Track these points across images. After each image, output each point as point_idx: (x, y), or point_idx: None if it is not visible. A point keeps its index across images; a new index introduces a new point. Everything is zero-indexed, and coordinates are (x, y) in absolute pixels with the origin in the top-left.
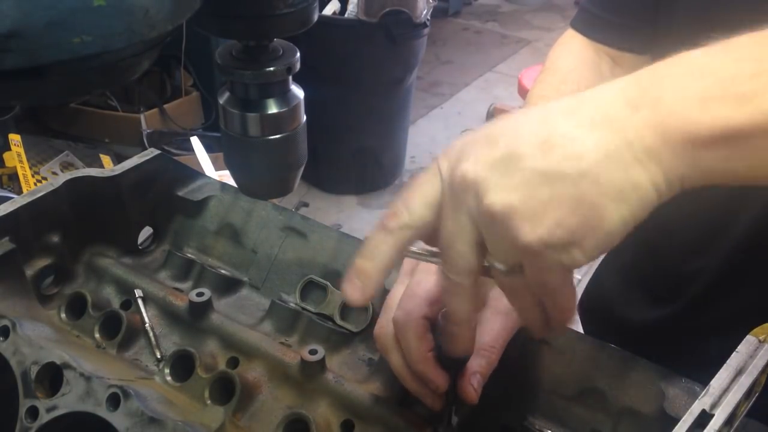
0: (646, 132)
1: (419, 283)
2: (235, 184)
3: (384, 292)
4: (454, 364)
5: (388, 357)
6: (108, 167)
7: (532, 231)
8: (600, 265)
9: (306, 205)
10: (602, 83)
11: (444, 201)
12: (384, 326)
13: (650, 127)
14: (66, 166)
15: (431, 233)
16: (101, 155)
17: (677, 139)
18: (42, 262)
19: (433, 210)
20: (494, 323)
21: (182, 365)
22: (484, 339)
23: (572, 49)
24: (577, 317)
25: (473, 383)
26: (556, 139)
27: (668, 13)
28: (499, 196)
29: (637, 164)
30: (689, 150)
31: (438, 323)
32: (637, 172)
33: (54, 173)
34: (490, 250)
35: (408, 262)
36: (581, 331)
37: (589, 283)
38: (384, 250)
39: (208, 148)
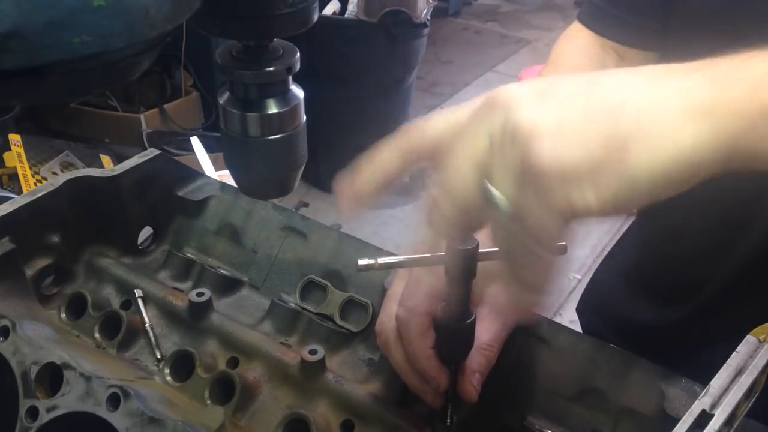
0: (706, 86)
1: (419, 280)
2: (235, 184)
3: (384, 292)
4: (453, 360)
5: (389, 353)
6: (108, 167)
7: (551, 151)
8: (601, 265)
9: (306, 205)
10: None
11: (467, 119)
12: (385, 322)
13: (714, 80)
14: (66, 166)
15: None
16: (101, 155)
17: (739, 97)
18: (42, 262)
19: (455, 130)
20: (492, 321)
21: (182, 365)
22: (483, 338)
23: (577, 44)
24: (576, 318)
25: (473, 382)
26: (606, 80)
27: (681, 10)
28: (530, 112)
29: (685, 115)
30: (749, 113)
31: (438, 320)
32: (682, 122)
33: (54, 173)
34: (497, 175)
35: None
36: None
37: (588, 283)
38: (387, 155)
39: (208, 148)
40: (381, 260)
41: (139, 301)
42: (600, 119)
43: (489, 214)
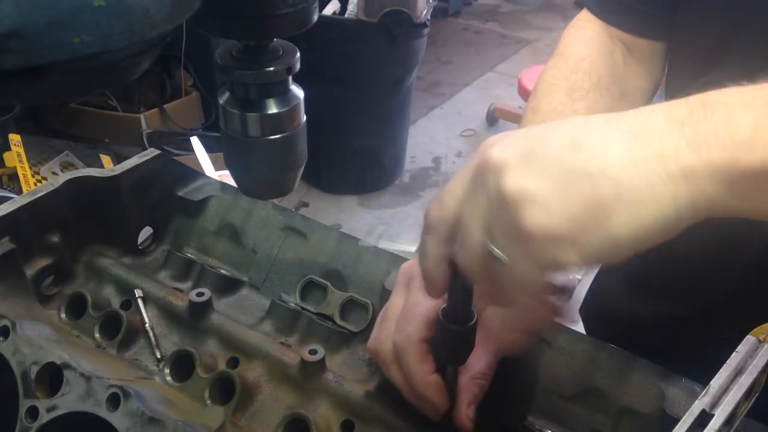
0: (685, 148)
1: (416, 304)
2: (235, 184)
3: (384, 292)
4: (453, 362)
5: (388, 373)
6: (108, 167)
7: (535, 217)
8: (604, 266)
9: (306, 205)
10: (614, 71)
11: (469, 187)
12: (383, 342)
13: (691, 144)
14: (66, 166)
15: None
16: (101, 155)
17: (719, 161)
18: (42, 262)
19: (462, 202)
20: (487, 348)
21: (182, 365)
22: (478, 366)
23: (586, 34)
24: (579, 318)
25: (469, 414)
26: (586, 140)
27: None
28: (516, 179)
29: (664, 178)
30: (729, 176)
31: (438, 318)
32: (662, 186)
33: (54, 173)
34: (495, 234)
35: (403, 273)
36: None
37: (592, 283)
38: (432, 246)
39: (208, 148)
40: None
41: (139, 301)
42: (581, 186)
43: (495, 267)
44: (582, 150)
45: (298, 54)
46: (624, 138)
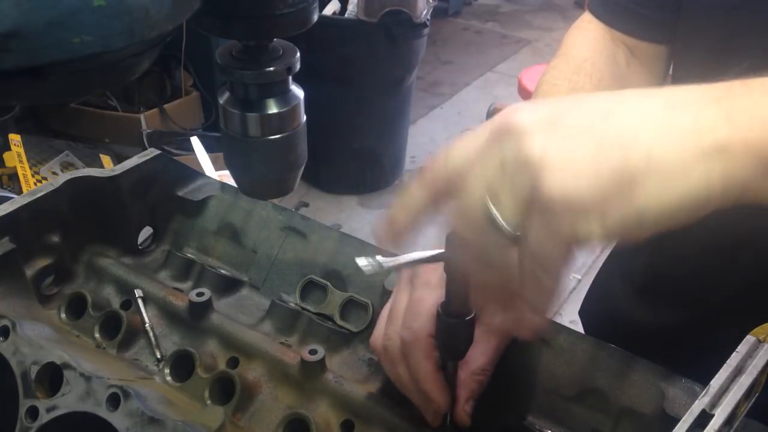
0: (722, 124)
1: (421, 300)
2: (235, 184)
3: (384, 292)
4: (453, 356)
5: (392, 370)
6: (108, 167)
7: (560, 182)
8: (604, 267)
9: (306, 205)
10: (616, 73)
11: (483, 146)
12: (392, 338)
13: (729, 119)
14: (66, 166)
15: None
16: (101, 155)
17: (755, 139)
18: (42, 262)
19: (471, 157)
20: (486, 344)
21: (182, 365)
22: (478, 362)
23: (588, 36)
24: (576, 318)
25: (467, 410)
26: (620, 109)
27: (693, 3)
28: (542, 142)
29: (698, 153)
30: (765, 155)
31: (439, 317)
32: (695, 161)
33: (54, 173)
34: (504, 200)
35: (407, 270)
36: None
37: (592, 284)
38: (416, 191)
39: (208, 148)
40: (381, 259)
41: (139, 301)
42: (611, 154)
43: (492, 236)
44: (615, 118)
45: (298, 54)
46: (660, 109)
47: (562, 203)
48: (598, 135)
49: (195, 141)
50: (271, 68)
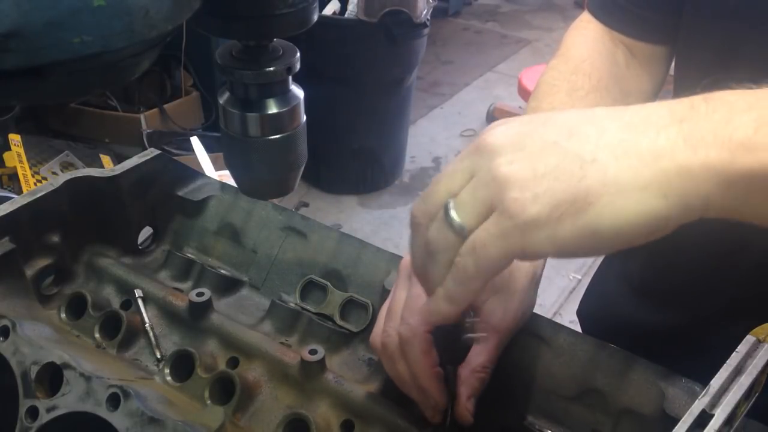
0: (681, 145)
1: (419, 296)
2: (235, 184)
3: (384, 292)
4: (451, 360)
5: (392, 366)
6: (108, 167)
7: (519, 200)
8: (602, 268)
9: (306, 205)
10: (616, 74)
11: (457, 161)
12: (390, 335)
13: (688, 141)
14: (66, 166)
15: None
16: (101, 155)
17: (716, 160)
18: (42, 262)
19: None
20: (490, 341)
21: (182, 365)
22: (479, 359)
23: (588, 36)
24: (576, 318)
25: (468, 407)
26: (584, 127)
27: (694, 4)
28: (508, 163)
29: (656, 172)
30: (725, 176)
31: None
32: (650, 182)
33: (54, 173)
34: (462, 205)
35: (404, 266)
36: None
37: (590, 284)
38: (419, 240)
39: (208, 148)
40: None
41: (139, 301)
42: (569, 172)
43: (442, 227)
44: (578, 136)
45: (298, 54)
46: (621, 128)
47: (519, 217)
48: (560, 154)
49: (195, 141)
50: (271, 68)
